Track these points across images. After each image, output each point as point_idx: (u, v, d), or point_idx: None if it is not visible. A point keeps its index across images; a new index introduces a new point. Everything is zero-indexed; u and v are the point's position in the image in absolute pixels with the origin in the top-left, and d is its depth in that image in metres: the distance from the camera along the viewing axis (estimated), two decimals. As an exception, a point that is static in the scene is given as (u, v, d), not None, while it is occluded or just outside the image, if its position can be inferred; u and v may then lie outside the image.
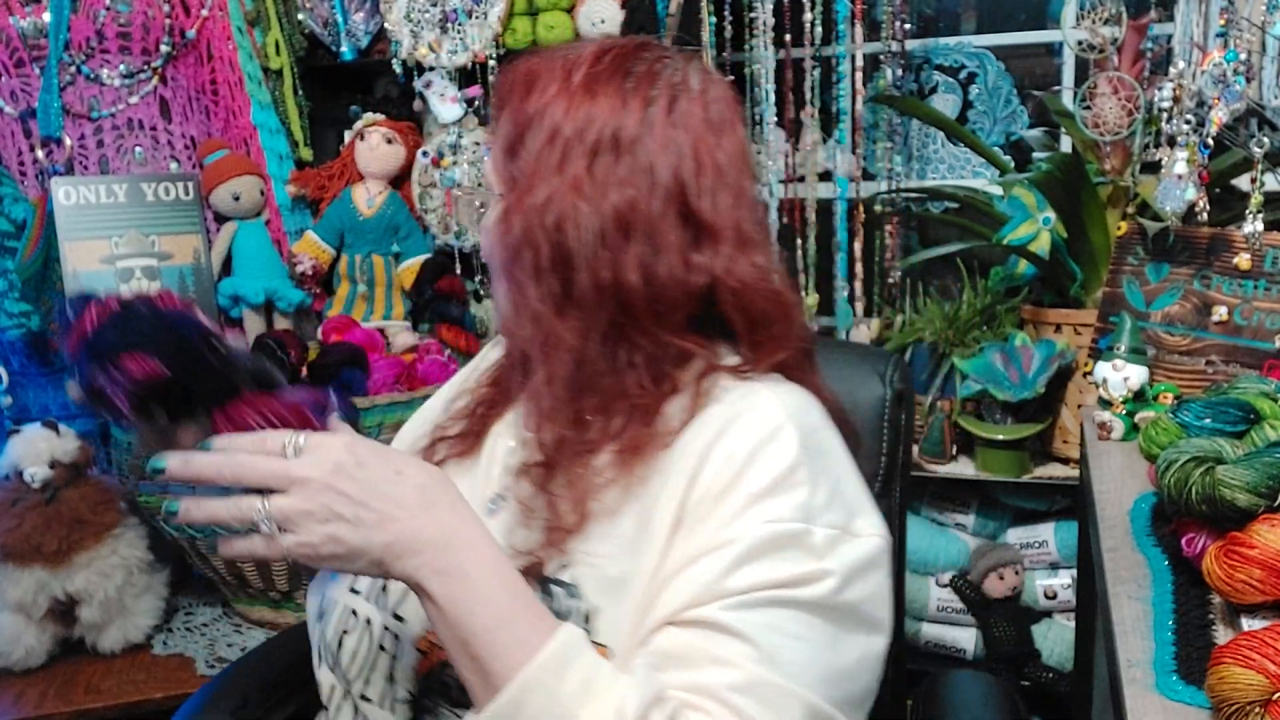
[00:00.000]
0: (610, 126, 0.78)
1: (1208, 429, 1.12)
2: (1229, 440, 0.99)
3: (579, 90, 0.79)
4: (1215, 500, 0.92)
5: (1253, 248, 1.44)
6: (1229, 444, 0.97)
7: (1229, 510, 0.91)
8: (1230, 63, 1.40)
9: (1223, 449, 0.96)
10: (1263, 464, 0.91)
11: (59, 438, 1.52)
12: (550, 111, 0.79)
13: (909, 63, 2.13)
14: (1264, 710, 0.70)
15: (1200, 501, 0.93)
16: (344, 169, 2.00)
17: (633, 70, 0.81)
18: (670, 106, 0.80)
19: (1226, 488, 0.91)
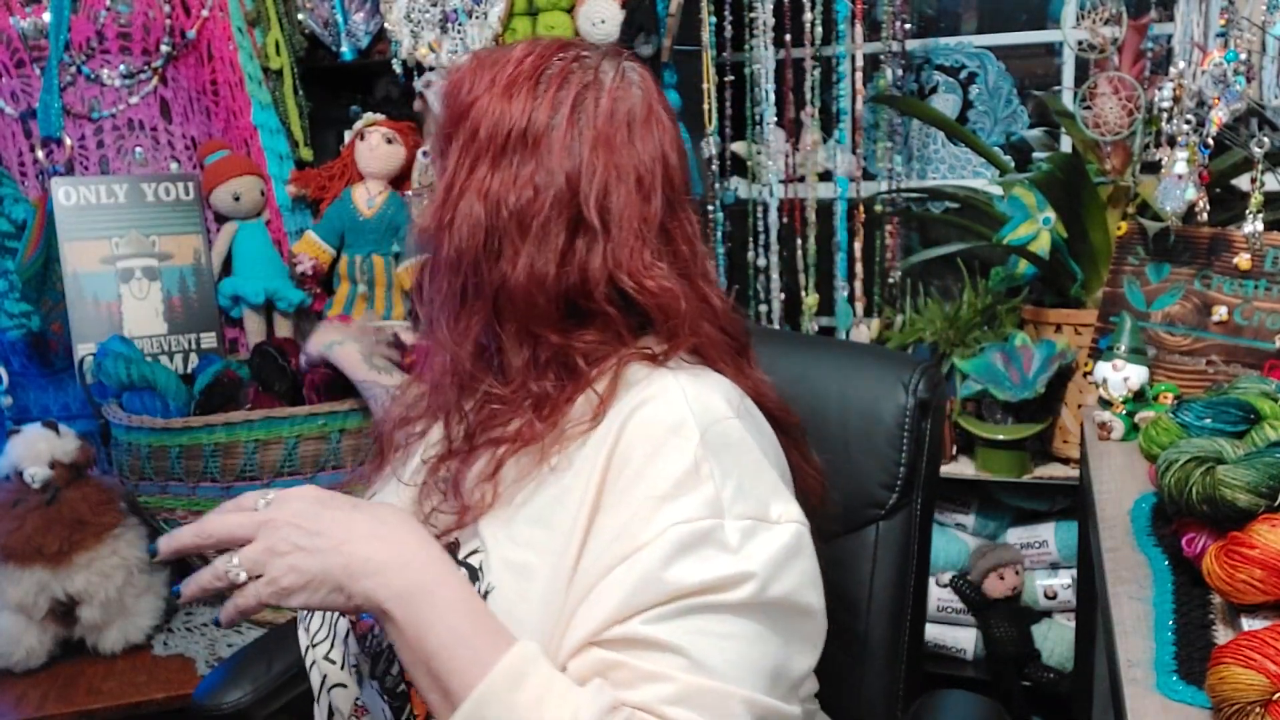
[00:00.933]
0: (518, 127, 0.81)
1: (1208, 429, 1.12)
2: (1229, 440, 0.99)
3: (499, 92, 0.82)
4: (1216, 500, 0.91)
5: (1253, 248, 1.44)
6: (1229, 444, 0.97)
7: (1229, 510, 0.91)
8: (1230, 63, 1.40)
9: (1223, 449, 0.96)
10: (1263, 464, 0.91)
11: (59, 438, 1.52)
12: (472, 113, 0.82)
13: (909, 63, 2.13)
14: (1264, 710, 0.70)
15: (1201, 501, 0.93)
16: (344, 169, 2.00)
17: (546, 71, 0.83)
18: (575, 106, 0.82)
19: (1227, 488, 0.91)
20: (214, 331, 1.89)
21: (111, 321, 1.80)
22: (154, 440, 1.49)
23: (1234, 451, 0.96)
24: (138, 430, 1.51)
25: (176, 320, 1.86)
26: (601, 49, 0.87)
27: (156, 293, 1.85)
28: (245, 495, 0.78)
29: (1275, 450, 0.94)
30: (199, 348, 1.87)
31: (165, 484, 1.51)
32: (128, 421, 1.52)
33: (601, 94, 0.83)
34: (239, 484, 1.49)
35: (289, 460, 1.52)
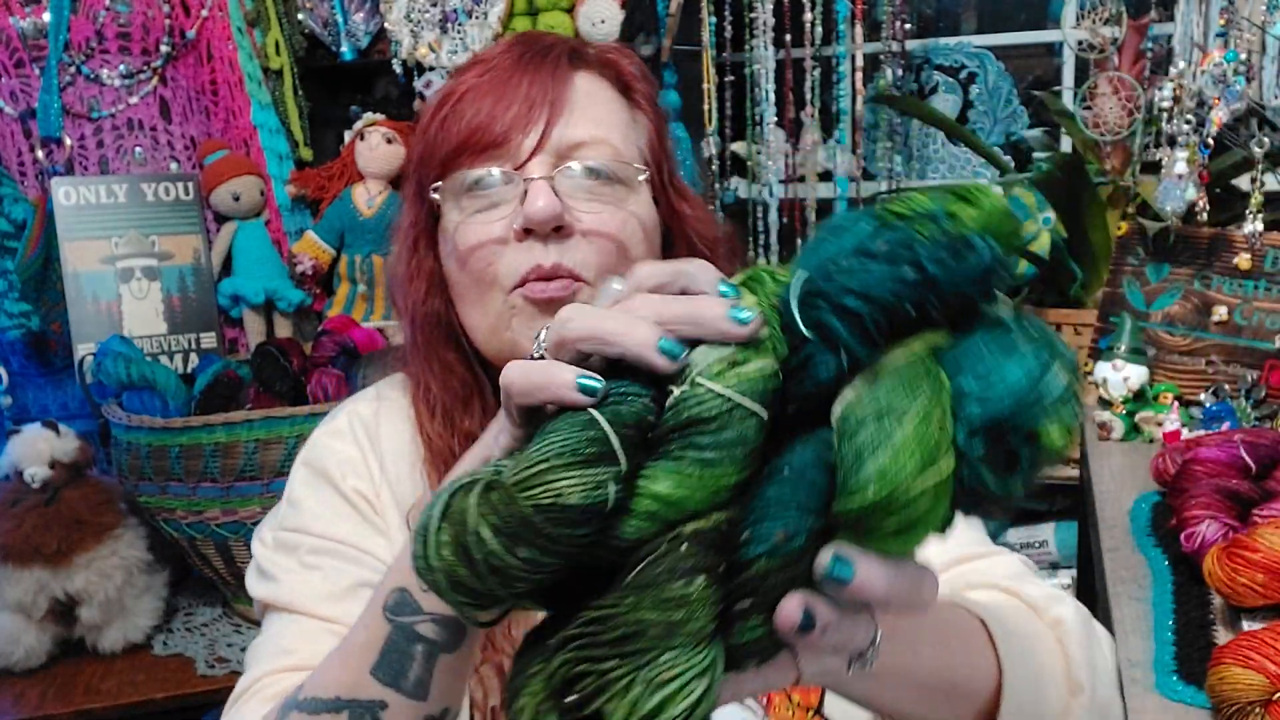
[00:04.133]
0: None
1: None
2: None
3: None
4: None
5: (1253, 248, 1.44)
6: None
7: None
8: (1230, 63, 1.40)
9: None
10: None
11: (59, 438, 1.52)
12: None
13: (909, 63, 2.13)
14: (1264, 710, 0.70)
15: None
16: (344, 169, 2.00)
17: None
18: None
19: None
20: (214, 331, 1.89)
21: (111, 321, 1.80)
22: (154, 440, 1.49)
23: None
24: (137, 430, 1.51)
25: (176, 320, 1.86)
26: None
27: (156, 292, 1.85)
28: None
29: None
30: (199, 348, 1.87)
31: (165, 484, 1.51)
32: (127, 421, 1.52)
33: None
34: (239, 484, 1.49)
35: (289, 460, 1.52)
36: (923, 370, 0.40)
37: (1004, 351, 0.40)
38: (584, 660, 0.38)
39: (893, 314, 0.41)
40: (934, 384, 0.40)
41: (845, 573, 0.40)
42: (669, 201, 0.81)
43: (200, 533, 1.52)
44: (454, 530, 0.39)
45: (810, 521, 0.40)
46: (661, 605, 0.38)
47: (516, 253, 0.73)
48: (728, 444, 0.41)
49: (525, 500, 0.39)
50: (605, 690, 0.36)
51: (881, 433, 0.38)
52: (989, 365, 0.40)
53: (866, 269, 0.41)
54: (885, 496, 0.38)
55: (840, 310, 0.41)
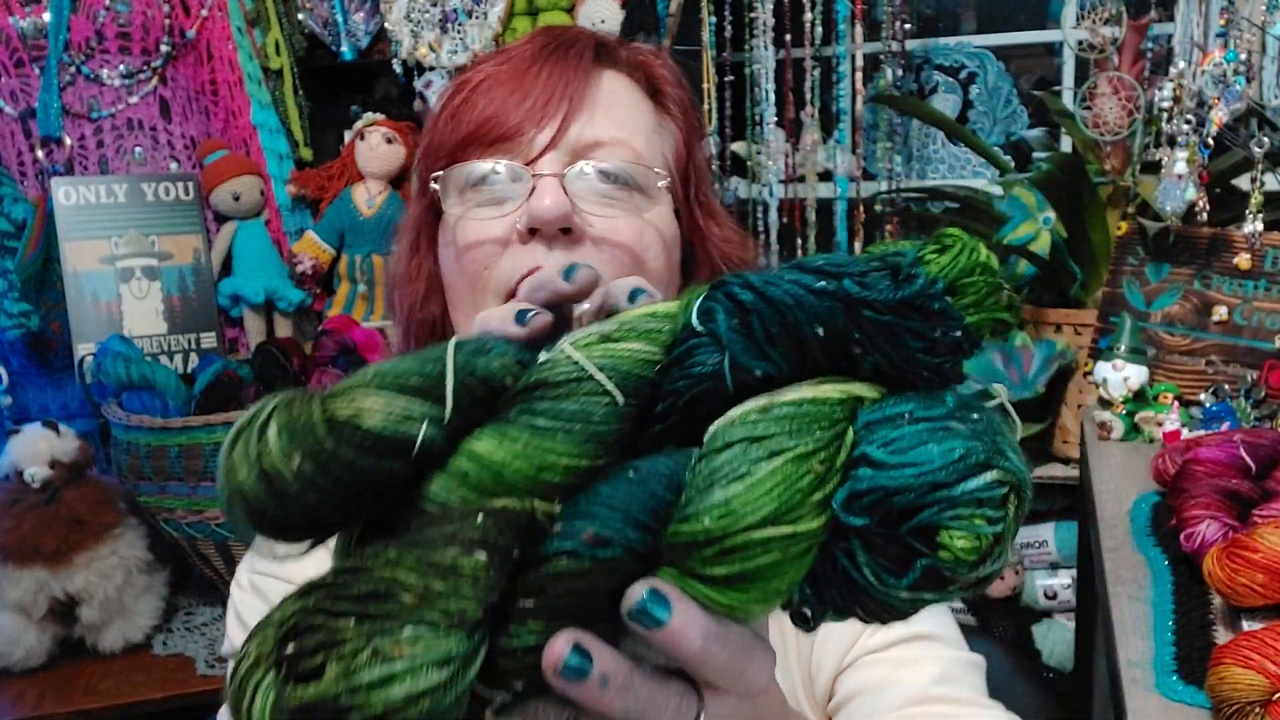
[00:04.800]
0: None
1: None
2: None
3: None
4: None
5: (1253, 248, 1.44)
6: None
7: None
8: (1230, 63, 1.40)
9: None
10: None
11: (59, 438, 1.52)
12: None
13: (909, 63, 2.13)
14: (1264, 710, 0.69)
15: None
16: (344, 169, 2.00)
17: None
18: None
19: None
20: (214, 331, 1.89)
21: (111, 321, 1.80)
22: (153, 440, 1.49)
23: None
24: (137, 430, 1.51)
25: (176, 320, 1.86)
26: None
27: (156, 292, 1.85)
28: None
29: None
30: (199, 347, 1.87)
31: (165, 484, 1.51)
32: (127, 421, 1.52)
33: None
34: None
35: (289, 460, 1.52)
36: (824, 415, 0.35)
37: (931, 428, 0.34)
38: (320, 611, 0.31)
39: (791, 325, 0.36)
40: (829, 434, 0.34)
41: (659, 613, 0.33)
42: (693, 217, 0.75)
43: (200, 532, 1.52)
44: (247, 428, 0.35)
45: (633, 536, 0.34)
46: (424, 569, 0.32)
47: (517, 255, 0.67)
48: (566, 416, 0.36)
49: (323, 408, 0.34)
50: (327, 648, 0.30)
51: (744, 460, 0.33)
52: (906, 436, 0.34)
53: (784, 274, 0.37)
54: (721, 533, 0.33)
55: (729, 299, 0.37)
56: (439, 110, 0.73)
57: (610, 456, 0.37)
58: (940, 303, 0.36)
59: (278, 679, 0.31)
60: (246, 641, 0.32)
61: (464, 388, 0.36)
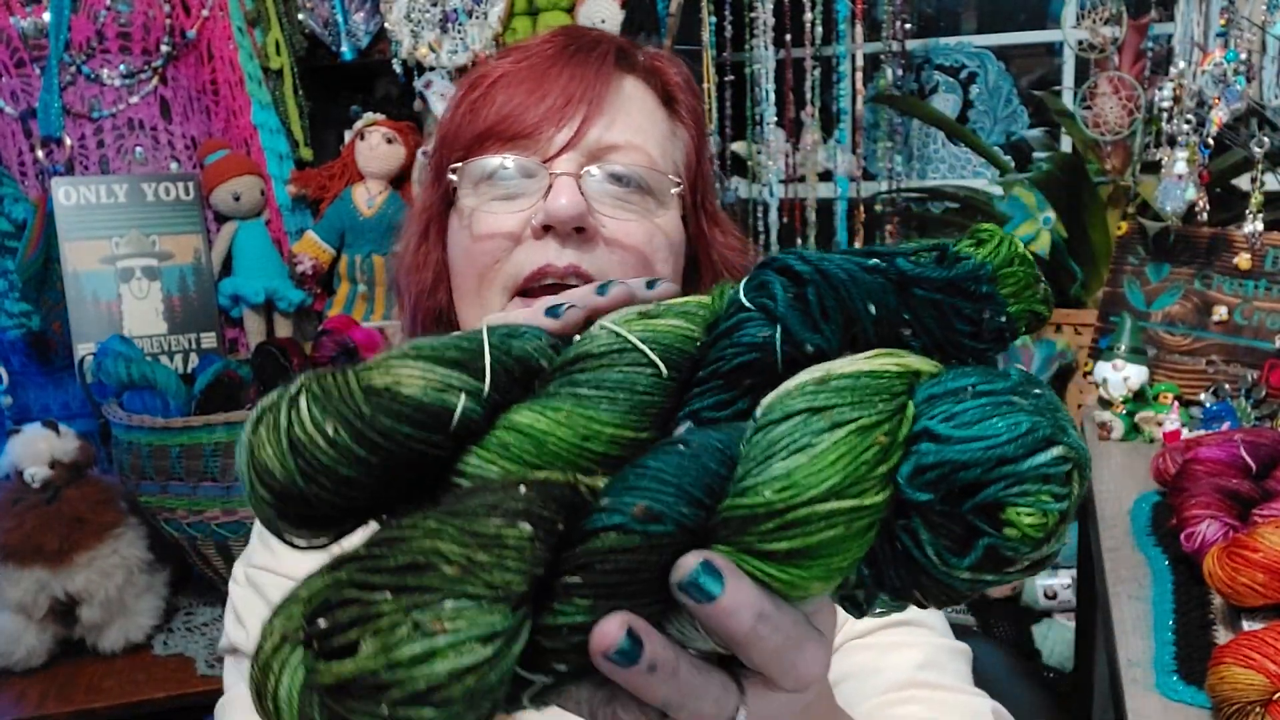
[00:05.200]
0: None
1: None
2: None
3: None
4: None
5: (1253, 247, 1.44)
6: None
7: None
8: (1230, 63, 1.40)
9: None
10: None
11: (59, 438, 1.52)
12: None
13: (909, 63, 2.13)
14: (1264, 710, 0.70)
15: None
16: (344, 169, 2.00)
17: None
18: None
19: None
20: (214, 331, 1.89)
21: (111, 321, 1.80)
22: (154, 440, 1.49)
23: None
24: (138, 430, 1.51)
25: (176, 320, 1.86)
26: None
27: (156, 292, 1.85)
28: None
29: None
30: (199, 347, 1.87)
31: (165, 483, 1.51)
32: (128, 421, 1.52)
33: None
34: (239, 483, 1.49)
35: (289, 460, 1.52)
36: (884, 387, 0.33)
37: (994, 402, 0.33)
38: (355, 585, 0.29)
39: (845, 300, 0.35)
40: (891, 406, 0.33)
41: (711, 586, 0.31)
42: (698, 223, 0.76)
43: (201, 532, 1.52)
44: (274, 406, 0.33)
45: (686, 512, 0.32)
46: (467, 539, 0.30)
47: (529, 250, 0.68)
48: (610, 385, 0.35)
49: (360, 378, 0.33)
50: (363, 622, 0.28)
51: (805, 431, 0.32)
52: (970, 410, 0.33)
53: (835, 255, 0.37)
54: (783, 505, 0.31)
55: (789, 275, 0.36)
56: (457, 102, 0.74)
57: (653, 430, 0.35)
58: (988, 285, 0.36)
59: (307, 657, 0.29)
60: (270, 619, 0.30)
61: (500, 365, 0.35)
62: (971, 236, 0.40)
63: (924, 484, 0.32)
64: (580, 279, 0.66)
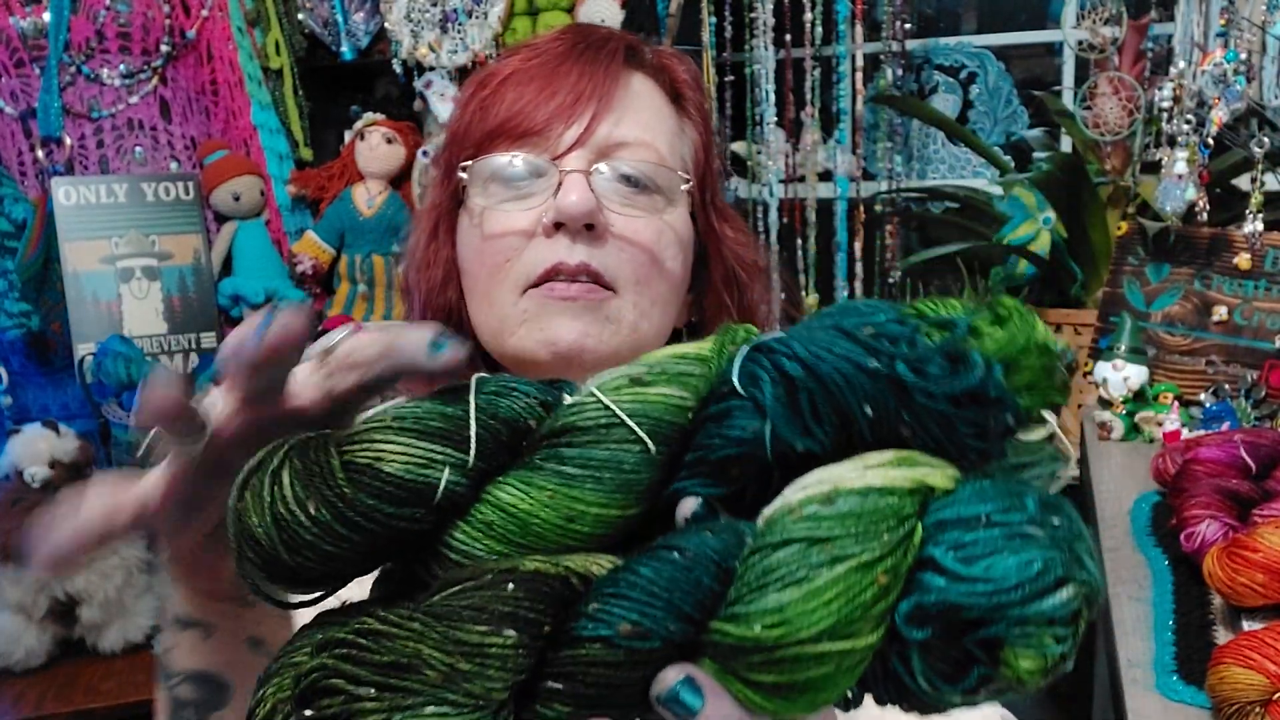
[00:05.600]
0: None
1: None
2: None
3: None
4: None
5: (1253, 248, 1.44)
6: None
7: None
8: (1230, 63, 1.40)
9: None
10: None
11: (59, 438, 1.52)
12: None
13: (909, 63, 2.13)
14: (1264, 710, 0.70)
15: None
16: (344, 169, 2.00)
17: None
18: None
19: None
20: (214, 331, 1.89)
21: (111, 321, 1.80)
22: (154, 440, 1.49)
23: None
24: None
25: (176, 320, 1.86)
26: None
27: (156, 292, 1.85)
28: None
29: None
30: (199, 347, 1.87)
31: (165, 484, 1.51)
32: (128, 421, 1.52)
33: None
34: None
35: (289, 460, 1.52)
36: (892, 510, 0.32)
37: (1008, 534, 0.31)
38: (341, 675, 0.31)
39: (838, 403, 0.34)
40: (897, 536, 0.31)
41: (692, 701, 0.31)
42: (707, 219, 0.76)
43: (200, 533, 1.52)
44: (258, 471, 0.34)
45: (674, 628, 0.32)
46: (451, 647, 0.31)
47: (539, 248, 0.68)
48: (596, 464, 0.34)
49: (340, 453, 0.33)
50: (349, 717, 0.30)
51: (804, 563, 0.31)
52: (980, 542, 0.31)
53: (832, 343, 0.34)
54: (773, 642, 0.30)
55: (776, 370, 0.34)
56: (466, 100, 0.74)
57: (641, 505, 0.35)
58: (997, 390, 0.34)
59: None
60: (262, 683, 0.32)
61: (487, 431, 0.35)
62: (991, 311, 0.37)
63: (924, 623, 0.31)
64: (591, 276, 0.67)
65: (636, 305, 0.68)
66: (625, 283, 0.68)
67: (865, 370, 0.34)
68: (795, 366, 0.34)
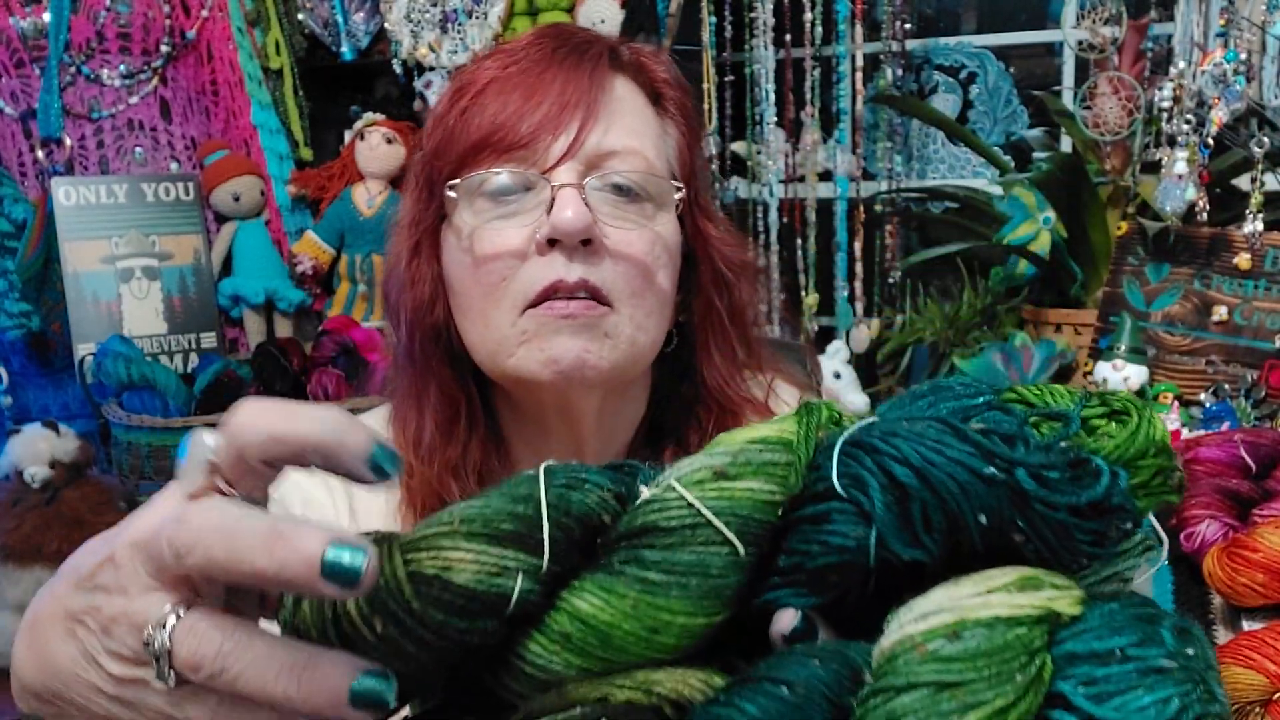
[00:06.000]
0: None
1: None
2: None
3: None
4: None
5: (1253, 248, 1.44)
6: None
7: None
8: (1230, 63, 1.40)
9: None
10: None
11: (59, 438, 1.52)
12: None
13: (909, 63, 2.13)
14: (1264, 710, 0.70)
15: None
16: (344, 169, 2.00)
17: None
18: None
19: None
20: (214, 331, 1.89)
21: (111, 321, 1.80)
22: (154, 440, 1.49)
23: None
24: (138, 430, 1.51)
25: (176, 320, 1.86)
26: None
27: (156, 292, 1.85)
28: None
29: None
30: (199, 347, 1.87)
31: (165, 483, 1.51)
32: (128, 421, 1.52)
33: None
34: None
35: (289, 460, 1.52)
36: (1021, 645, 0.29)
37: (1143, 670, 0.29)
38: None
39: (952, 513, 0.31)
40: (1029, 676, 0.29)
41: None
42: (694, 220, 0.73)
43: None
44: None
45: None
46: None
47: (536, 266, 0.65)
48: (681, 569, 0.31)
49: (406, 562, 0.30)
50: None
51: (934, 712, 0.28)
52: (1113, 678, 0.29)
53: (943, 444, 0.31)
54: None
55: (884, 474, 0.32)
56: (444, 110, 0.71)
57: (729, 611, 0.32)
58: (1120, 499, 0.32)
59: None
60: None
61: (561, 530, 0.32)
62: (1104, 405, 0.35)
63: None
64: (589, 292, 0.65)
65: (633, 319, 0.67)
66: (621, 297, 0.66)
67: (982, 477, 0.31)
68: (907, 473, 0.31)
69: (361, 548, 0.29)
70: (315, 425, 0.32)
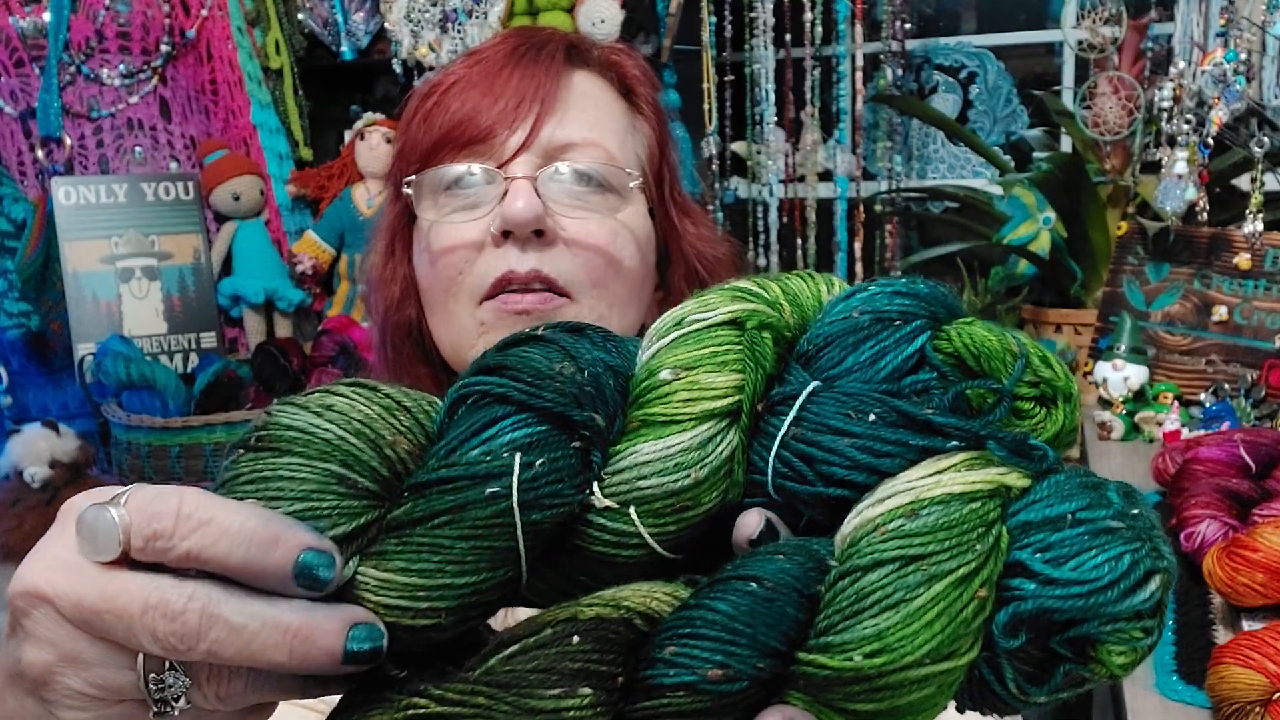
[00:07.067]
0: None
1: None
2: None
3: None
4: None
5: (1253, 247, 1.44)
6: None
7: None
8: (1230, 63, 1.40)
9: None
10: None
11: (59, 438, 1.52)
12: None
13: (909, 62, 2.13)
14: (1264, 710, 0.70)
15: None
16: (344, 169, 2.00)
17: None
18: None
19: None
20: (214, 331, 1.89)
21: (111, 321, 1.80)
22: (154, 439, 1.49)
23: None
24: (137, 429, 1.51)
25: (176, 320, 1.86)
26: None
27: (156, 292, 1.85)
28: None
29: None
30: (199, 347, 1.87)
31: (165, 483, 1.51)
32: (127, 421, 1.52)
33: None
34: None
35: (289, 460, 1.52)
36: (978, 517, 0.30)
37: (1094, 532, 0.31)
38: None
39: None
40: (988, 544, 0.30)
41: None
42: (668, 215, 0.74)
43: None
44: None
45: (762, 665, 0.30)
46: (522, 716, 0.28)
47: (490, 258, 0.66)
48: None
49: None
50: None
51: (900, 584, 0.29)
52: (1068, 542, 0.30)
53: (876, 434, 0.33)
54: (875, 670, 0.29)
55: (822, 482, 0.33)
56: (411, 113, 0.72)
57: (717, 516, 0.33)
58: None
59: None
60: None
61: (532, 527, 0.31)
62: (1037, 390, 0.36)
63: (1018, 631, 0.30)
64: (543, 283, 0.66)
65: (594, 310, 0.67)
66: (580, 287, 0.66)
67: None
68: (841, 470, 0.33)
69: (379, 628, 0.30)
70: (233, 547, 0.30)
